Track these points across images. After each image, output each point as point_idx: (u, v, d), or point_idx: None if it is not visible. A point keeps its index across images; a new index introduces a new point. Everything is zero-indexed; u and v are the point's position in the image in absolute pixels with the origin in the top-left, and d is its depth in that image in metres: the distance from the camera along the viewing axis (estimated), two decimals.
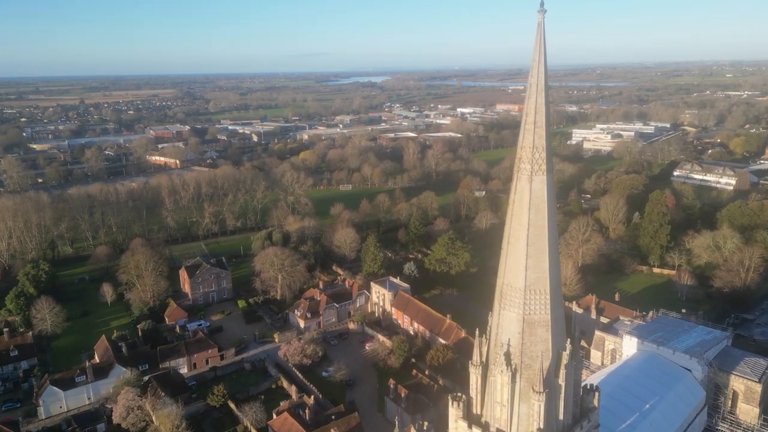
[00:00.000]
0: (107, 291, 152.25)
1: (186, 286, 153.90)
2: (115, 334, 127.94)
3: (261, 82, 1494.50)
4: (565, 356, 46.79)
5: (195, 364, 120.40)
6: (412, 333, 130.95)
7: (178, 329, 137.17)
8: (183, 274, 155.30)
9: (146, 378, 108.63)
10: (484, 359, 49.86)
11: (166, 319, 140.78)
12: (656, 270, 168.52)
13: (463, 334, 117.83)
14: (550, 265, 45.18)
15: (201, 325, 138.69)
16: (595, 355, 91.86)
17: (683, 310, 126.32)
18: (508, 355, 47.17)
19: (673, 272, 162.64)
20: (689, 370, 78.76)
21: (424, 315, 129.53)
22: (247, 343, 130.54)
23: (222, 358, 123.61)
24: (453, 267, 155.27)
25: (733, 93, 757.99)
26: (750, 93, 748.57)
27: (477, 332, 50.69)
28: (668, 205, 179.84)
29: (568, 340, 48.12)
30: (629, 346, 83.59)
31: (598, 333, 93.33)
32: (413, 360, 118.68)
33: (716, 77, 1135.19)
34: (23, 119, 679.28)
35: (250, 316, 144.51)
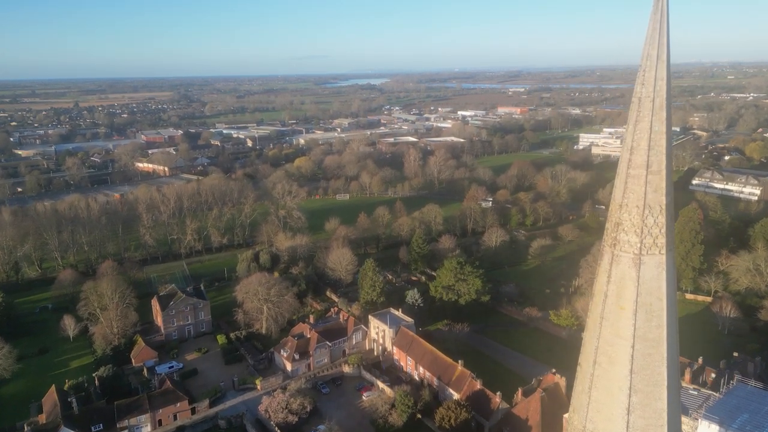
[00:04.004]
0: (69, 324, 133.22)
1: (158, 318, 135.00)
2: (67, 384, 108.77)
3: (259, 85, 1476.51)
4: None
5: (160, 421, 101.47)
6: (417, 379, 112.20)
7: (145, 372, 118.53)
8: (155, 305, 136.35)
9: None
10: None
11: (133, 360, 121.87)
12: (689, 296, 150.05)
13: (478, 385, 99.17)
14: (669, 406, 26.81)
15: (173, 367, 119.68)
16: None
17: (735, 354, 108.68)
18: None
19: (709, 299, 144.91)
20: None
21: (431, 358, 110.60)
22: (225, 392, 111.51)
23: (193, 411, 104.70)
24: (462, 295, 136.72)
25: (739, 95, 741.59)
26: (756, 95, 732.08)
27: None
28: (701, 223, 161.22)
29: None
30: None
31: None
32: (419, 416, 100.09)
33: (718, 79, 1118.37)
34: (13, 123, 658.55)
35: (231, 354, 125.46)
